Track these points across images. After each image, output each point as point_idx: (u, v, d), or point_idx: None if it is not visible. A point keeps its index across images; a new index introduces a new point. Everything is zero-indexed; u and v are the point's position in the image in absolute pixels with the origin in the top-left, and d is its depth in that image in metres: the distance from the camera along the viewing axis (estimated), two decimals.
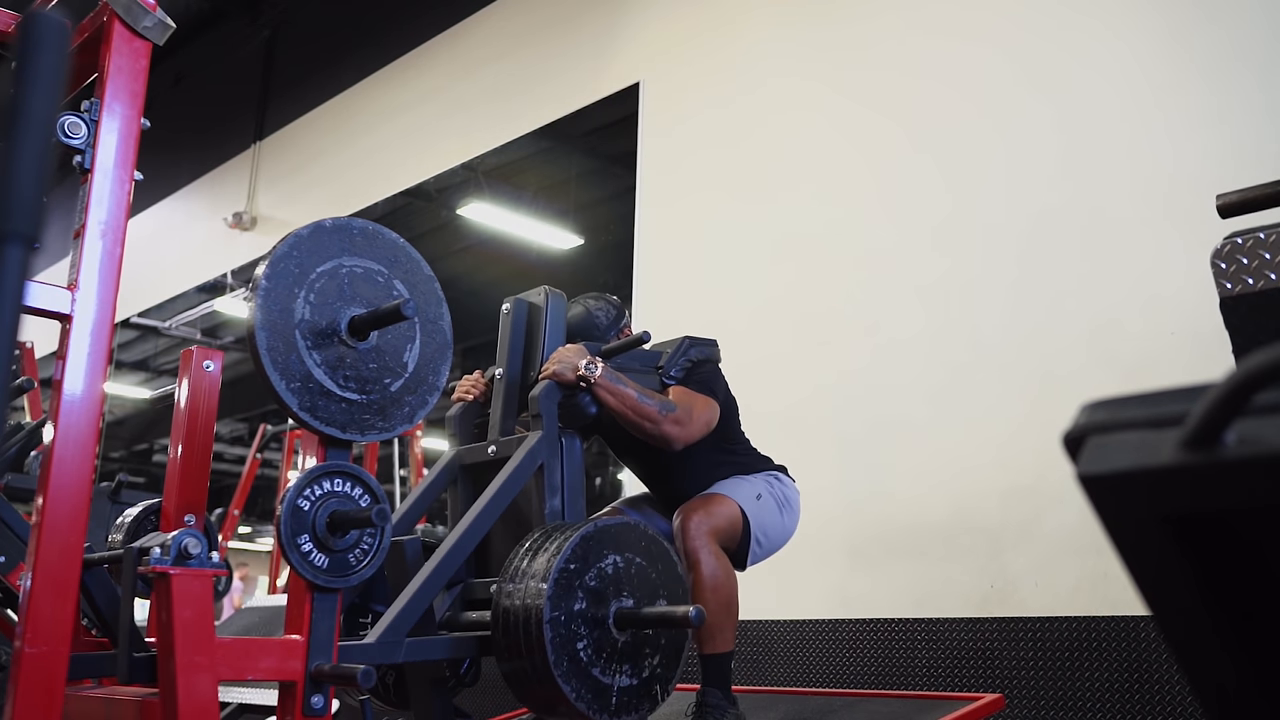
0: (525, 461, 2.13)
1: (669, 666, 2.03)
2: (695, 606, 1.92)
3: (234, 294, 8.18)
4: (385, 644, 1.84)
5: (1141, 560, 0.54)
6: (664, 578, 2.03)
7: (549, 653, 1.82)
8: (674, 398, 2.39)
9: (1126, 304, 3.14)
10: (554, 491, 2.17)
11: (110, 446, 11.78)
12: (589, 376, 2.23)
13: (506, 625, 1.89)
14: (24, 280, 0.60)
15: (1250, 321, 1.15)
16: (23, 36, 0.63)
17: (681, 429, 2.34)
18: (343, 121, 7.01)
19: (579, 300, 2.61)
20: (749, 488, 2.49)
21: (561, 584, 1.85)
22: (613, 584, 1.93)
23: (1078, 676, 2.94)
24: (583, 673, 1.87)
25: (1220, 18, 3.16)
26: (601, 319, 2.57)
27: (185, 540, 1.54)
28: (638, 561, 1.98)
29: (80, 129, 1.57)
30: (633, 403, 2.28)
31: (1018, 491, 3.20)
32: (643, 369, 2.42)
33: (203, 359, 2.01)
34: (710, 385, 2.49)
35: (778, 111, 4.30)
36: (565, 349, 2.29)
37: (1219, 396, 0.48)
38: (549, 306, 2.35)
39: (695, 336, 2.54)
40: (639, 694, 1.96)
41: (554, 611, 1.83)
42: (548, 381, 2.23)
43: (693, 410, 2.38)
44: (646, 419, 2.30)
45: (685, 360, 2.48)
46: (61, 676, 1.41)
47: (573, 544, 1.88)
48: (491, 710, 3.02)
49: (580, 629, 1.87)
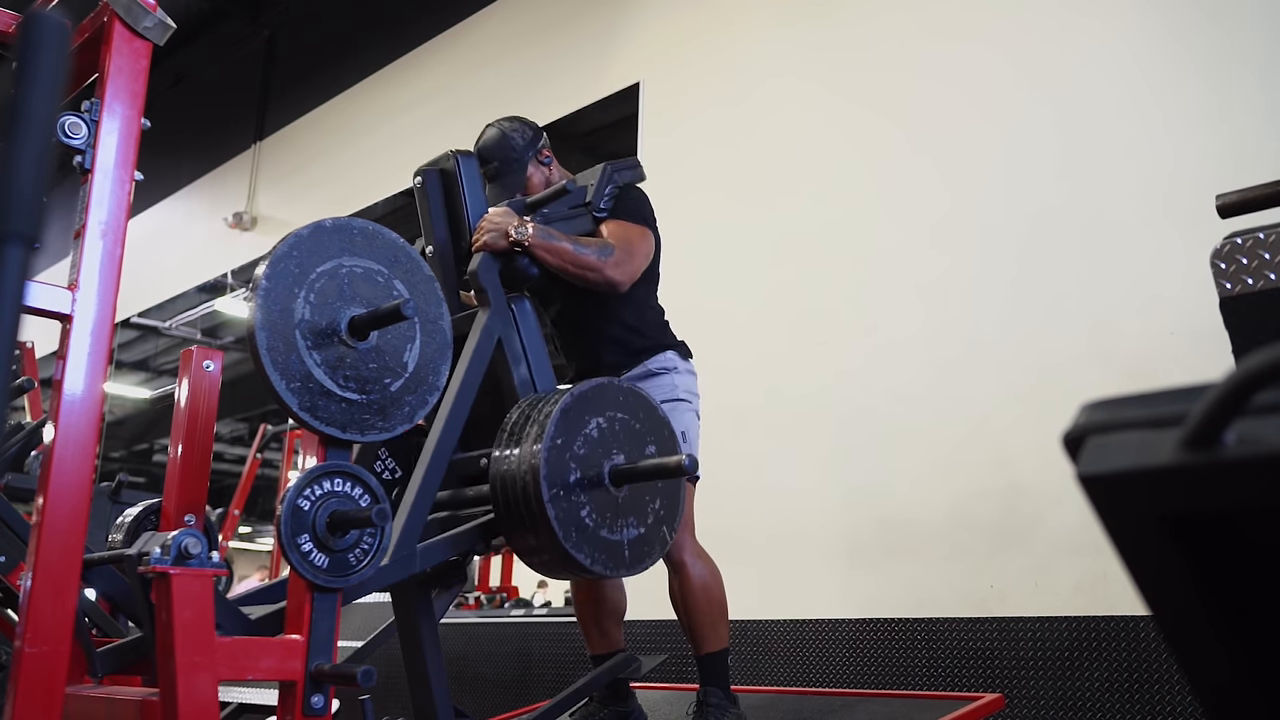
0: (483, 339, 2.13)
1: (671, 507, 2.08)
2: (687, 455, 1.93)
3: (234, 294, 8.18)
4: (400, 559, 1.86)
5: (1141, 560, 0.54)
6: (647, 425, 2.05)
7: (556, 529, 1.85)
8: (609, 235, 2.34)
9: (1126, 304, 3.14)
10: (518, 360, 2.18)
11: (110, 446, 11.79)
12: (521, 239, 2.19)
13: (509, 507, 1.91)
14: (24, 280, 0.60)
15: (1250, 321, 1.15)
16: (23, 36, 0.63)
17: (623, 269, 2.31)
18: (343, 121, 7.01)
19: (492, 124, 2.54)
20: (677, 421, 2.30)
21: (553, 460, 1.87)
22: (601, 445, 1.96)
23: (1077, 676, 2.94)
24: (592, 537, 1.91)
25: (1220, 18, 3.16)
26: (517, 140, 2.51)
27: (185, 540, 1.54)
28: (620, 417, 2.01)
29: (80, 129, 1.57)
30: (570, 256, 2.24)
31: (1017, 491, 3.20)
32: (571, 213, 2.37)
33: (203, 359, 2.01)
34: (640, 212, 2.44)
35: (778, 112, 4.30)
36: (491, 214, 2.23)
37: (1219, 396, 0.48)
38: (462, 169, 2.30)
39: (615, 160, 2.49)
40: (649, 540, 2.02)
41: (552, 489, 1.86)
42: (482, 254, 2.19)
43: (631, 245, 2.35)
44: (588, 269, 2.26)
45: (612, 188, 2.43)
46: (62, 676, 1.41)
47: (554, 420, 1.89)
48: (491, 710, 3.02)
49: (580, 497, 1.91)
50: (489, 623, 4.75)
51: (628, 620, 2.63)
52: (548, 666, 4.21)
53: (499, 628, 4.60)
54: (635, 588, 2.63)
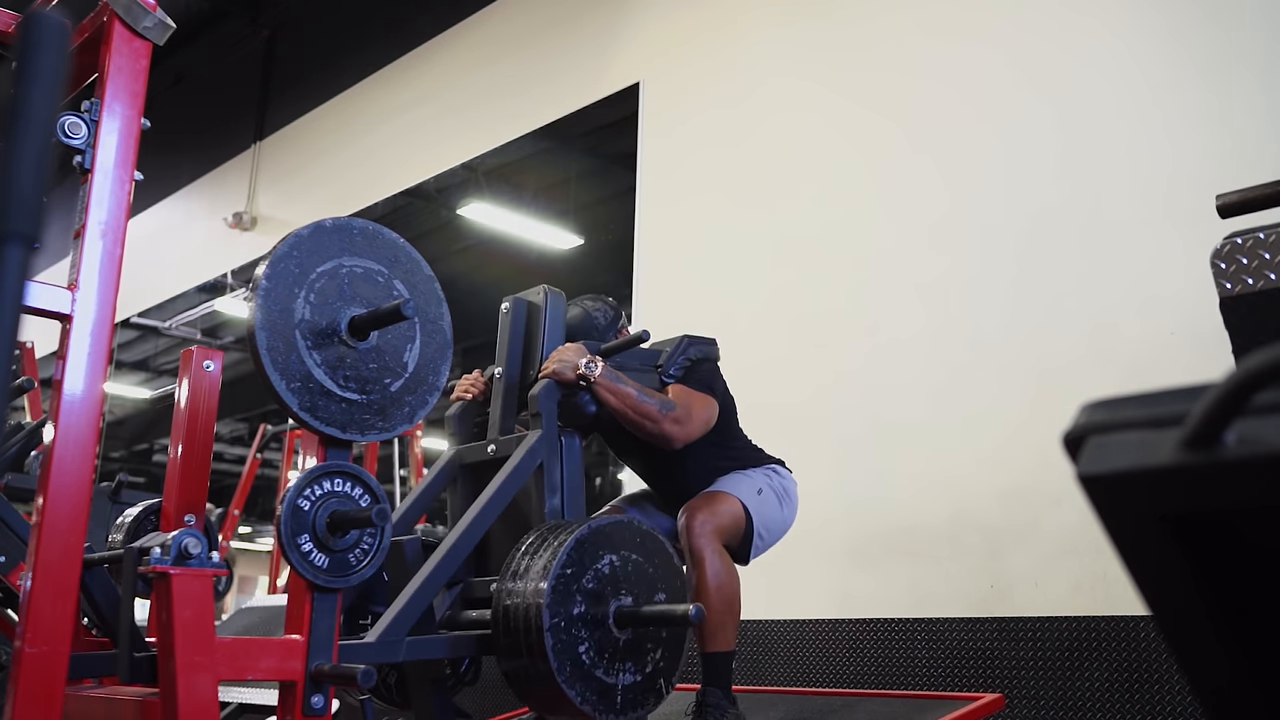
0: (525, 460, 2.13)
1: (671, 659, 2.03)
2: (695, 605, 1.92)
3: (234, 294, 8.18)
4: (385, 643, 1.84)
5: (1141, 560, 0.54)
6: (661, 572, 2.03)
7: (551, 660, 1.82)
8: (673, 396, 2.39)
9: (1126, 304, 3.14)
10: (553, 490, 2.17)
11: (110, 446, 11.78)
12: (588, 375, 2.23)
13: (507, 627, 1.89)
14: (24, 280, 0.60)
15: (1250, 321, 1.15)
16: (23, 36, 0.63)
17: (681, 427, 2.35)
18: (343, 121, 7.01)
19: (577, 302, 2.61)
20: (749, 483, 2.50)
21: (559, 590, 1.85)
22: (610, 583, 1.93)
23: (1077, 676, 2.94)
24: (586, 675, 1.87)
25: (1220, 18, 3.16)
26: (600, 319, 2.58)
27: (185, 540, 1.54)
28: (634, 558, 1.98)
29: (80, 129, 1.57)
30: (632, 401, 2.28)
31: (1017, 491, 3.20)
32: (641, 368, 2.42)
33: (203, 359, 2.01)
34: (709, 383, 2.49)
35: (778, 111, 4.30)
36: (565, 348, 2.29)
37: (1219, 396, 0.48)
38: (548, 305, 2.35)
39: (694, 335, 2.55)
40: (643, 689, 1.96)
41: (554, 618, 1.83)
42: (547, 380, 2.23)
43: (692, 408, 2.39)
44: (646, 417, 2.31)
45: (684, 359, 2.49)
46: (62, 676, 1.41)
47: (568, 548, 1.87)
48: (491, 710, 3.02)
49: (581, 632, 1.87)
50: None
51: None
52: None
53: None
54: None
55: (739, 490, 2.47)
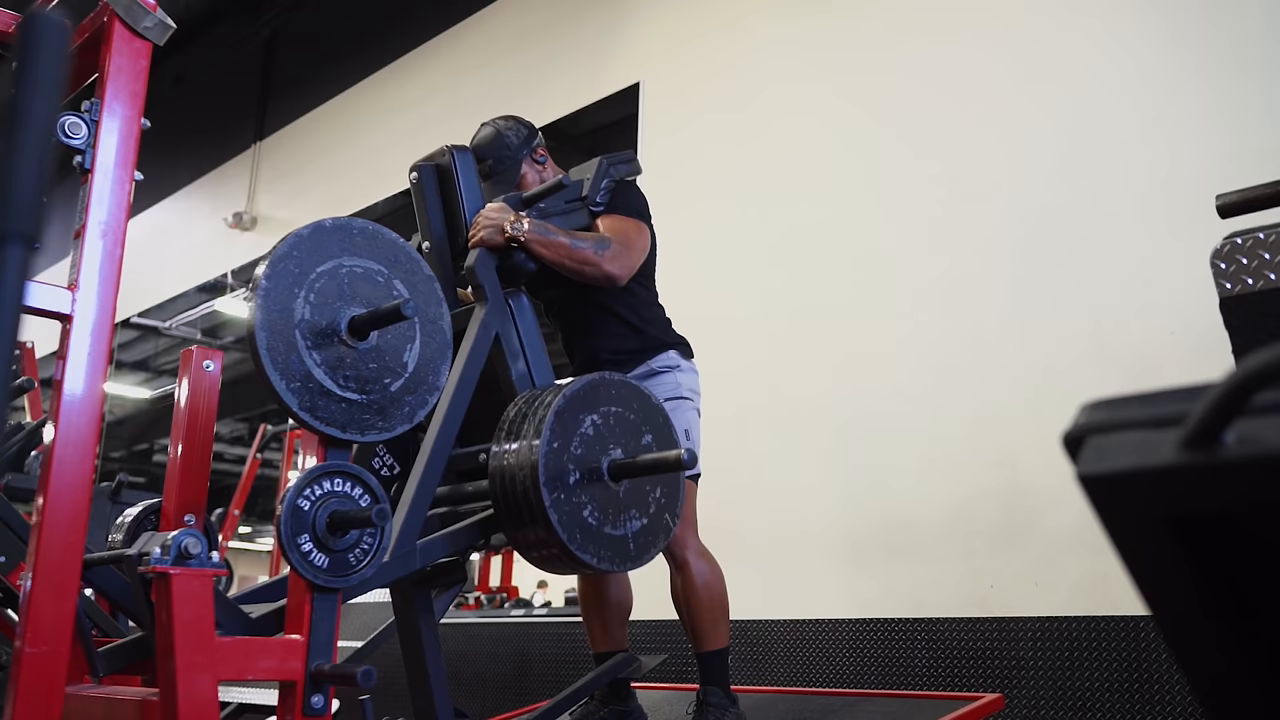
0: (480, 335, 2.13)
1: (671, 493, 2.07)
2: (686, 448, 1.92)
3: (234, 294, 8.18)
4: (401, 556, 1.85)
5: (1141, 560, 0.54)
6: (641, 414, 2.05)
7: (560, 533, 1.85)
8: (606, 229, 2.35)
9: (1126, 304, 3.14)
10: (515, 356, 2.18)
11: (110, 446, 11.78)
12: (517, 235, 2.19)
13: (509, 510, 1.90)
14: (24, 280, 0.60)
15: (1250, 321, 1.15)
16: (23, 37, 0.63)
17: (620, 263, 2.32)
18: (343, 121, 7.01)
19: (487, 122, 2.55)
20: (680, 420, 2.33)
21: (551, 465, 1.87)
22: (597, 442, 1.95)
23: (1077, 676, 2.94)
24: (596, 535, 1.91)
25: (1220, 18, 3.16)
26: (512, 138, 2.52)
27: (185, 540, 1.54)
28: (614, 411, 2.00)
29: (80, 129, 1.57)
30: (566, 250, 2.24)
31: (1017, 491, 3.20)
32: (567, 208, 2.37)
33: (203, 359, 2.01)
34: (636, 206, 2.45)
35: (778, 111, 4.30)
36: (488, 210, 2.23)
37: (1219, 396, 0.48)
38: (458, 166, 2.30)
39: (611, 154, 2.49)
40: (652, 530, 2.02)
41: (553, 494, 1.85)
42: (479, 249, 2.19)
43: (628, 239, 2.35)
44: (586, 263, 2.26)
45: (608, 182, 2.43)
46: (62, 676, 1.41)
47: (549, 424, 1.89)
48: (491, 710, 3.02)
49: (581, 498, 1.90)
50: (489, 623, 4.75)
51: (629, 620, 2.63)
52: (547, 666, 4.21)
53: (499, 628, 4.60)
54: (636, 588, 2.63)
55: None
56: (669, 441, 2.08)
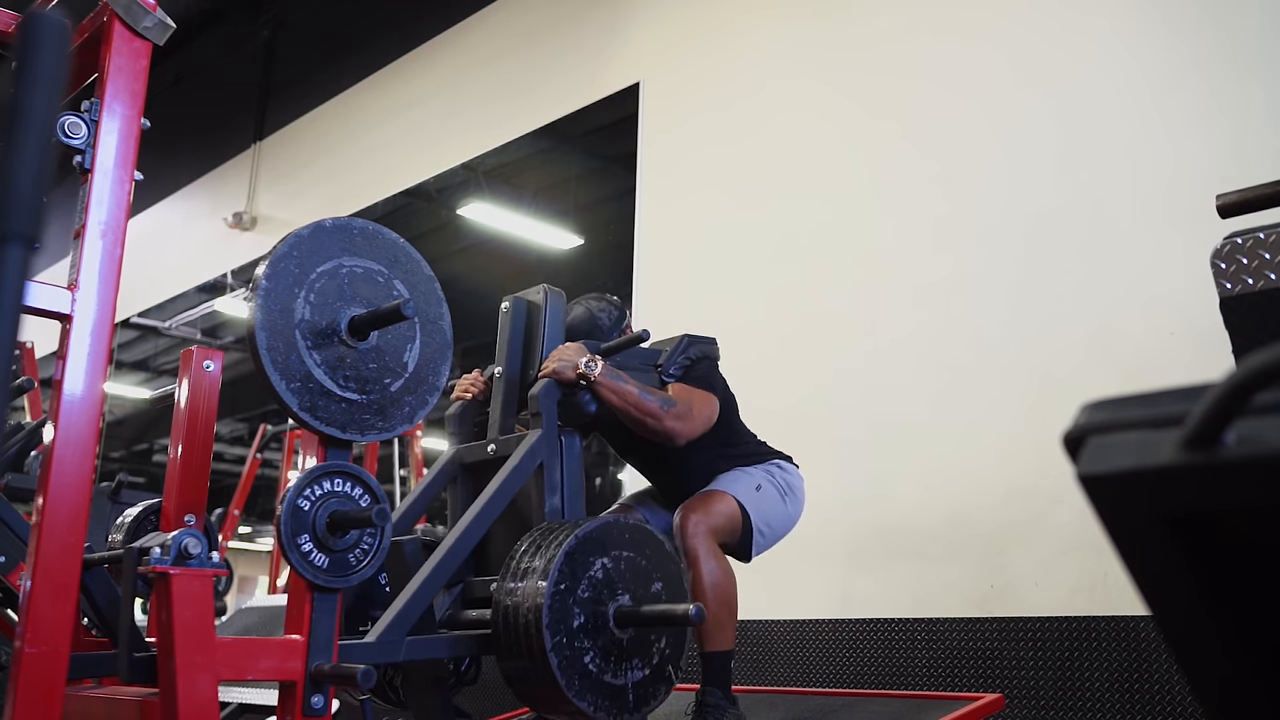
0: (525, 460, 2.12)
1: (676, 645, 2.04)
2: (695, 604, 1.92)
3: (234, 294, 8.18)
4: (385, 643, 1.83)
5: (1141, 560, 0.54)
6: (653, 562, 2.03)
7: (559, 678, 1.81)
8: (674, 394, 2.39)
9: (1126, 304, 3.14)
10: (553, 490, 2.17)
11: (110, 446, 11.78)
12: (589, 374, 2.23)
13: (510, 644, 1.88)
14: (24, 280, 0.60)
15: (1250, 321, 1.15)
16: (23, 36, 0.63)
17: (683, 424, 2.35)
18: (343, 121, 7.01)
19: (580, 301, 2.61)
20: (748, 480, 2.50)
21: (556, 607, 1.84)
22: (606, 587, 1.92)
23: (1078, 676, 2.94)
24: (596, 683, 1.87)
25: (1220, 18, 3.16)
26: (604, 320, 2.57)
27: (185, 540, 1.54)
28: (625, 555, 1.98)
29: (80, 129, 1.57)
30: (634, 399, 2.28)
31: (1017, 491, 3.20)
32: (642, 367, 2.42)
33: (203, 359, 2.01)
34: (709, 381, 2.49)
35: (778, 111, 4.30)
36: (565, 347, 2.29)
37: (1219, 396, 0.48)
38: (548, 305, 2.35)
39: (694, 335, 2.55)
40: (653, 682, 1.97)
41: (555, 636, 1.82)
42: (547, 380, 2.23)
43: (693, 405, 2.39)
44: (648, 415, 2.30)
45: (684, 358, 2.49)
46: (62, 676, 1.41)
47: (558, 565, 1.86)
48: (491, 710, 3.02)
49: (584, 642, 1.87)
50: None
51: None
52: None
53: None
54: None
55: (735, 488, 2.47)
56: (679, 590, 2.05)
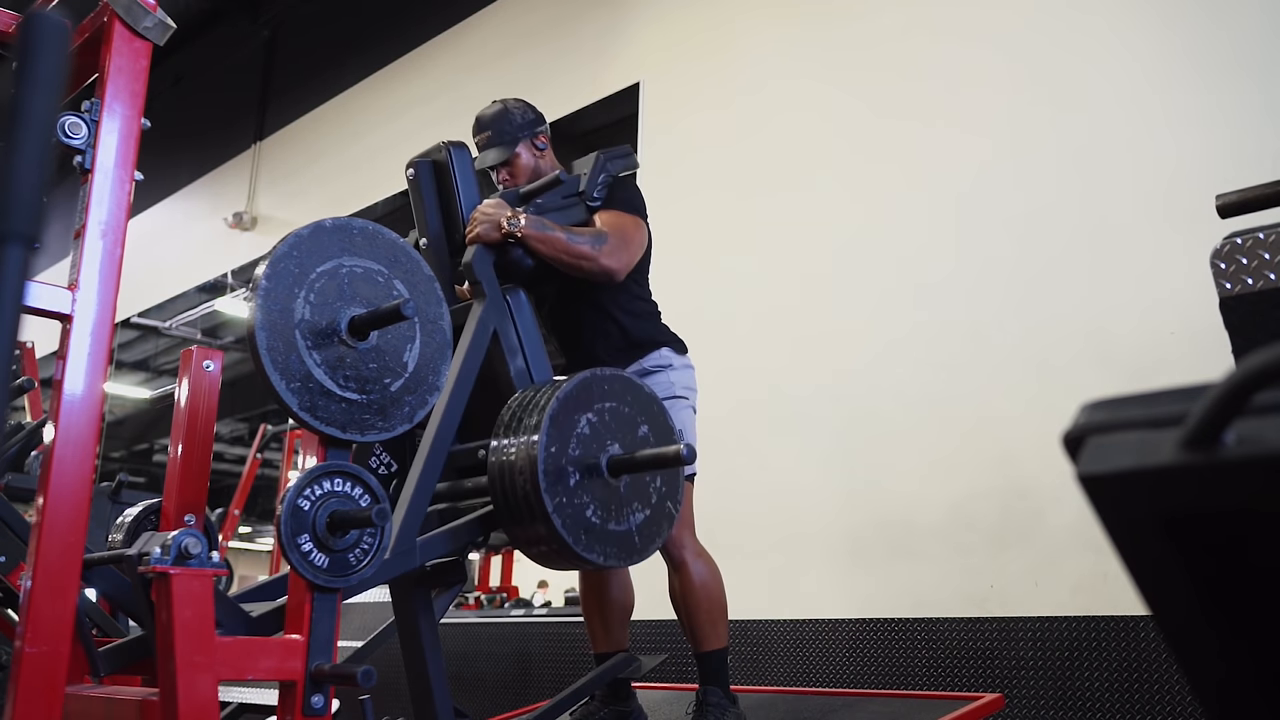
0: (478, 332, 2.13)
1: (671, 480, 2.06)
2: (685, 444, 1.91)
3: (234, 294, 8.18)
4: (400, 554, 1.85)
5: (1141, 560, 0.54)
6: (635, 406, 2.04)
7: (565, 536, 1.84)
8: (603, 224, 2.35)
9: (1126, 304, 3.14)
10: (514, 352, 2.18)
11: (110, 446, 11.78)
12: (515, 230, 2.19)
13: (510, 508, 1.89)
14: (24, 280, 0.60)
15: (1250, 321, 1.15)
16: (23, 37, 0.63)
17: (618, 258, 2.32)
18: (343, 122, 7.01)
19: (500, 99, 2.57)
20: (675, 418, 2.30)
21: (550, 470, 1.86)
22: (595, 440, 1.94)
23: (1078, 676, 2.94)
24: (601, 533, 1.90)
25: (1220, 18, 3.16)
26: (517, 117, 2.53)
27: (185, 540, 1.54)
28: (608, 406, 1.99)
29: (80, 129, 1.57)
30: (563, 245, 2.24)
31: (1017, 491, 3.20)
32: (565, 202, 2.37)
33: (203, 359, 2.01)
34: (633, 202, 2.45)
35: (778, 111, 4.30)
36: (484, 206, 2.24)
37: (1219, 396, 0.48)
38: (455, 162, 2.31)
39: (608, 149, 2.48)
40: (655, 520, 2.01)
41: (554, 498, 1.84)
42: (476, 246, 2.19)
43: (625, 234, 2.35)
44: (583, 258, 2.26)
45: (605, 177, 2.43)
46: (62, 676, 1.41)
47: (545, 430, 1.87)
48: (491, 710, 3.02)
49: (583, 498, 1.89)
50: (489, 623, 4.75)
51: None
52: (547, 666, 4.21)
53: (499, 628, 4.60)
54: (636, 588, 2.62)
55: None
56: (666, 431, 2.07)
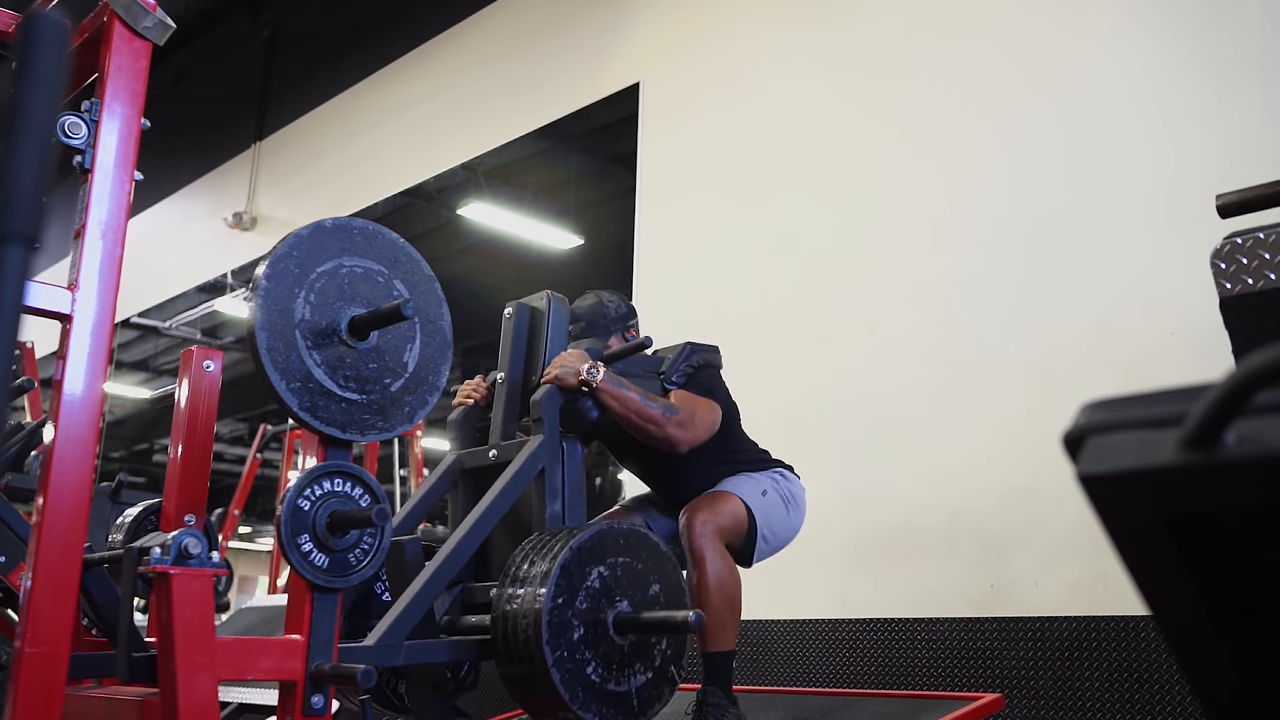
0: (526, 465, 2.12)
1: (678, 646, 2.04)
2: (695, 611, 1.91)
3: (234, 294, 8.18)
4: (384, 646, 1.83)
5: (1141, 560, 0.54)
6: (650, 565, 2.02)
7: (564, 693, 1.81)
8: (676, 401, 2.39)
9: (1126, 304, 3.14)
10: (554, 495, 2.17)
11: (110, 446, 11.77)
12: (591, 380, 2.23)
13: (508, 644, 1.87)
14: (24, 280, 0.60)
15: (1250, 321, 1.15)
16: (23, 36, 0.63)
17: (685, 431, 2.35)
18: (343, 121, 7.01)
19: (593, 291, 2.62)
20: (754, 484, 2.50)
21: (555, 623, 1.83)
22: (604, 595, 1.91)
23: (1078, 676, 2.94)
24: (600, 693, 1.86)
25: (1220, 18, 3.16)
26: (611, 311, 2.58)
27: (185, 540, 1.54)
28: (621, 561, 1.97)
29: (80, 129, 1.57)
30: (635, 406, 2.28)
31: (1017, 491, 3.20)
32: (644, 374, 2.42)
33: (203, 359, 2.01)
34: (711, 389, 2.49)
35: (778, 111, 4.30)
36: (567, 353, 2.29)
37: (1219, 396, 0.48)
38: (551, 311, 2.35)
39: (697, 343, 2.54)
40: (656, 684, 1.97)
41: (556, 651, 1.81)
42: (549, 386, 2.23)
43: (695, 413, 2.39)
44: (650, 422, 2.30)
45: (687, 365, 2.48)
46: (62, 676, 1.41)
47: (554, 579, 1.85)
48: (491, 710, 3.02)
49: (586, 654, 1.86)
50: None
51: None
52: None
53: None
54: None
55: (741, 490, 2.46)
56: (677, 591, 2.05)
